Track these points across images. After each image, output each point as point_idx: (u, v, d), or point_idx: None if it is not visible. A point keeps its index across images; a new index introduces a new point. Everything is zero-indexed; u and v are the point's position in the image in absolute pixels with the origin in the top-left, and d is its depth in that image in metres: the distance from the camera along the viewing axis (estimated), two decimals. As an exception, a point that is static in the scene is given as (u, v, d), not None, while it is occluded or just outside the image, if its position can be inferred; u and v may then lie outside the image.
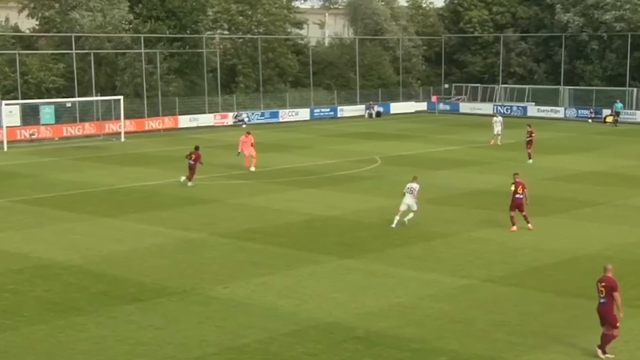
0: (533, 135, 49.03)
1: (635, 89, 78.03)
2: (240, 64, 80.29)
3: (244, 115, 74.08)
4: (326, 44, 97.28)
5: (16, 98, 63.34)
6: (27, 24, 75.20)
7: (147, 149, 56.73)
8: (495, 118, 58.65)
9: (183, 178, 41.07)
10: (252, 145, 46.39)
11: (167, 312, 21.38)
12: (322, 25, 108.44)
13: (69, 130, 63.26)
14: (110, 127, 65.07)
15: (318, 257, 26.84)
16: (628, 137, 62.60)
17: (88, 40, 69.18)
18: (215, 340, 19.25)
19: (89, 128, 64.33)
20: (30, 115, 63.08)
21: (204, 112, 73.24)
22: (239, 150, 46.47)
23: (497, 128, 56.59)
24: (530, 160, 47.92)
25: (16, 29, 73.93)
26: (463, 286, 23.46)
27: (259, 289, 23.37)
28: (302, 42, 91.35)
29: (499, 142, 55.93)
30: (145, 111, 69.63)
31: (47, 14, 71.26)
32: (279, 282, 24.00)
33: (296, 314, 21.12)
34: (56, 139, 62.22)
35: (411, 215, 31.49)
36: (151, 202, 36.59)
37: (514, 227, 30.30)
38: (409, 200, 31.23)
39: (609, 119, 71.94)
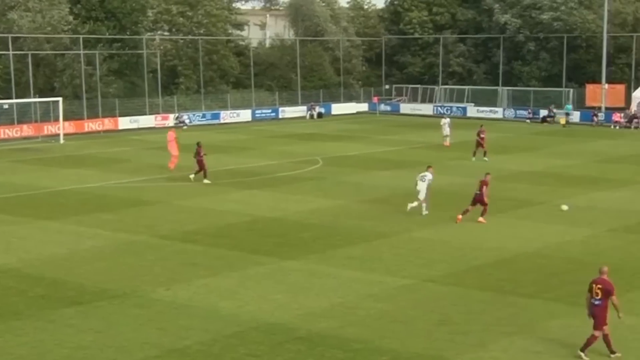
0: (482, 135, 49.88)
1: (571, 90, 79.25)
2: (181, 65, 79.87)
3: (185, 117, 73.63)
4: (267, 45, 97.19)
5: (-48, 100, 62.19)
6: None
7: (87, 150, 56.06)
8: (443, 120, 58.57)
9: (192, 175, 41.76)
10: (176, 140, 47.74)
11: (108, 315, 21.14)
12: (263, 27, 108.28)
13: (6, 132, 62.26)
14: (49, 128, 64.16)
15: (260, 258, 26.76)
16: (565, 137, 63.54)
17: (26, 41, 68.14)
18: (157, 343, 19.08)
19: (27, 130, 63.36)
20: (-33, 118, 62.06)
21: (145, 114, 72.60)
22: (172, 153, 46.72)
23: (446, 130, 56.57)
24: (486, 158, 49.03)
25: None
26: (404, 286, 23.57)
27: (201, 290, 23.23)
28: (243, 43, 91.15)
29: (447, 144, 55.97)
30: (85, 113, 68.83)
31: (-18, 13, 70.06)
32: (221, 284, 23.88)
33: (238, 315, 21.03)
34: (-7, 140, 61.23)
35: (415, 203, 33.23)
36: (92, 204, 36.15)
37: (460, 217, 31.77)
38: (420, 187, 33.24)
39: (562, 121, 72.31)
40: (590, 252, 27.30)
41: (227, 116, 77.01)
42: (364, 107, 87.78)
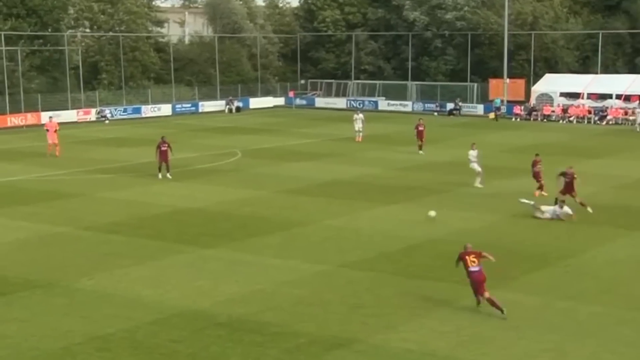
0: (420, 128, 49.32)
1: (475, 84, 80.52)
2: (103, 61, 78.66)
3: (107, 111, 72.56)
4: (187, 42, 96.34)
5: None
6: None
7: (9, 145, 54.78)
8: (355, 115, 56.55)
9: (168, 174, 40.04)
10: (55, 132, 48.62)
11: (32, 305, 20.74)
12: (182, 24, 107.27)
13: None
14: (-28, 123, 62.54)
15: (182, 247, 26.58)
16: (470, 128, 64.53)
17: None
18: (81, 331, 18.81)
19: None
20: None
21: (67, 109, 71.33)
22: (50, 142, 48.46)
23: (358, 125, 54.99)
24: (421, 152, 48.71)
25: None
26: (320, 272, 23.68)
27: (124, 279, 22.97)
28: (163, 40, 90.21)
29: (359, 139, 54.73)
30: (7, 107, 67.26)
31: None
32: (143, 273, 23.65)
33: (160, 302, 20.86)
34: None
35: (478, 179, 37.46)
36: (14, 197, 35.38)
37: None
38: (474, 166, 37.65)
39: (492, 116, 72.92)
40: (493, 237, 27.80)
41: (149, 110, 76.14)
42: (280, 101, 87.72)
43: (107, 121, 70.69)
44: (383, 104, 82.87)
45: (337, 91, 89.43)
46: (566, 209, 30.69)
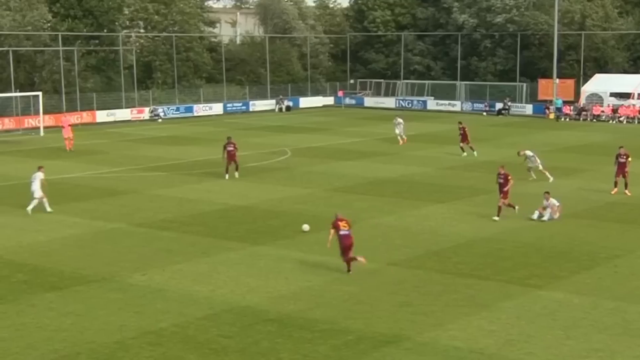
0: (465, 129, 47.83)
1: (524, 84, 79.73)
2: (156, 60, 79.39)
3: (160, 110, 73.24)
4: (238, 42, 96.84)
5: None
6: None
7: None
8: (395, 120, 54.59)
9: (236, 173, 40.11)
10: (70, 127, 51.05)
11: (87, 299, 21.03)
12: (234, 24, 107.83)
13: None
14: (29, 122, 63.60)
15: (232, 244, 26.73)
16: (519, 128, 63.96)
17: (7, 38, 67.42)
18: (134, 325, 19.01)
19: (8, 123, 62.76)
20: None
21: (121, 107, 72.16)
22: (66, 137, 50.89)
23: (399, 129, 53.22)
24: (475, 153, 47.12)
25: None
26: (369, 269, 23.63)
27: (176, 275, 23.17)
28: (215, 40, 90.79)
29: (403, 142, 52.93)
30: (64, 106, 68.24)
31: (-37, 12, 69.23)
32: (194, 269, 23.83)
33: (211, 298, 21.00)
34: (-25, 134, 60.57)
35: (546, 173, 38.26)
36: (70, 194, 35.88)
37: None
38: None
39: (551, 116, 72.09)
40: (544, 236, 27.52)
41: (200, 109, 76.68)
42: (330, 100, 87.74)
43: (160, 120, 71.37)
44: (432, 103, 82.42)
45: (386, 91, 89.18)
46: (552, 200, 30.25)
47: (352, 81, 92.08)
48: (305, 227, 28.51)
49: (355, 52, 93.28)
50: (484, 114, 76.46)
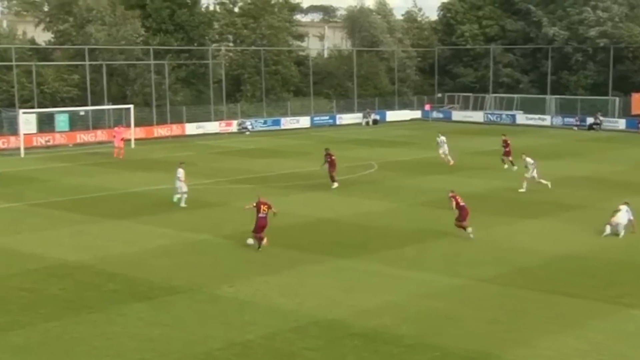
0: (509, 144, 47.87)
1: (617, 98, 77.99)
2: (245, 73, 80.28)
3: (248, 123, 74.05)
4: (325, 56, 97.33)
5: (33, 107, 63.33)
6: (43, 37, 75.27)
7: (156, 154, 56.68)
8: (438, 138, 51.27)
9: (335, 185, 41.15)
10: (122, 139, 53.43)
11: (175, 309, 21.37)
12: (321, 38, 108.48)
13: (82, 137, 63.24)
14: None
15: (318, 257, 26.82)
16: (611, 143, 62.60)
17: (101, 52, 69.26)
18: (221, 337, 19.24)
19: (101, 135, 64.32)
20: (45, 123, 63.08)
21: (210, 120, 73.23)
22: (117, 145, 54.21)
23: (443, 148, 50.22)
24: (515, 167, 46.39)
25: (33, 41, 74.03)
26: (455, 285, 23.43)
27: (262, 287, 23.36)
28: (303, 53, 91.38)
29: (452, 162, 49.74)
30: (154, 119, 69.62)
31: (61, 27, 71.35)
32: (280, 281, 23.99)
33: (297, 311, 21.10)
34: (70, 145, 62.23)
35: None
36: (159, 205, 36.54)
37: None
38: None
39: None
40: (632, 254, 26.85)
41: (288, 122, 77.28)
42: (417, 114, 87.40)
43: (247, 132, 72.18)
44: (521, 117, 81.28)
45: (475, 105, 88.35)
46: (625, 214, 29.66)
47: (439, 95, 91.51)
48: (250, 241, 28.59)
49: (443, 65, 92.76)
50: (575, 128, 75.07)
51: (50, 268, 25.59)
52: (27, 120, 59.55)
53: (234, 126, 73.53)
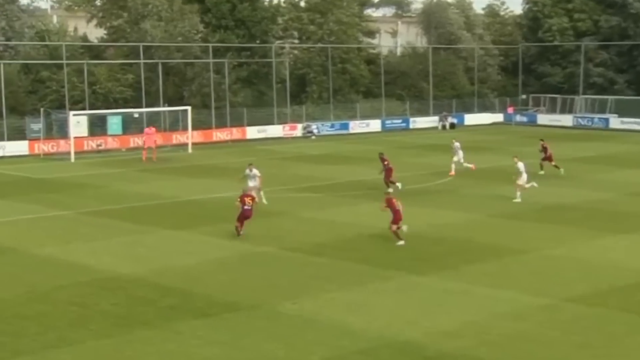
0: (548, 149, 48.66)
1: None
2: (311, 73, 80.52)
3: (314, 127, 74.30)
4: (398, 54, 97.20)
5: (84, 109, 64.49)
6: (95, 34, 76.57)
7: (214, 160, 57.21)
8: (452, 144, 50.38)
9: (391, 189, 41.49)
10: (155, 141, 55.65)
11: (235, 327, 21.47)
12: (394, 34, 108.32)
13: (136, 141, 64.08)
14: (178, 137, 65.90)
15: (389, 272, 26.73)
16: None
17: (157, 50, 70.16)
18: (284, 357, 19.27)
19: (156, 139, 64.96)
20: (97, 126, 64.27)
21: (273, 123, 73.67)
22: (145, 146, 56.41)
23: (458, 156, 48.98)
24: (562, 170, 47.76)
25: (84, 38, 75.32)
26: (541, 305, 23.10)
27: (328, 304, 23.34)
28: (374, 51, 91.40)
29: (473, 166, 49.29)
30: (213, 122, 70.30)
31: (115, 23, 72.49)
32: (348, 298, 23.95)
33: (366, 331, 21.03)
34: (123, 149, 63.20)
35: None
36: (219, 214, 36.81)
37: None
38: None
39: None
40: None
41: (357, 126, 77.37)
42: (498, 117, 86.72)
43: (313, 137, 72.43)
44: (615, 121, 79.92)
45: (563, 107, 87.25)
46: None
47: (523, 96, 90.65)
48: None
49: (528, 64, 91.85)
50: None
51: (102, 281, 25.94)
52: (77, 123, 60.73)
53: (298, 130, 73.86)
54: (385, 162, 42.94)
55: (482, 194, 41.94)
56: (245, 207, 31.66)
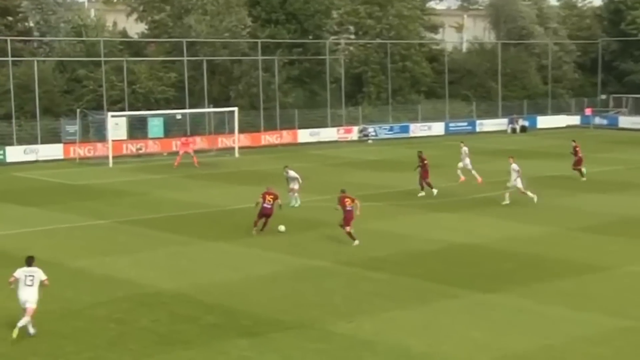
0: (579, 152, 49.48)
1: None
2: (369, 71, 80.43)
3: (371, 130, 74.23)
4: (464, 50, 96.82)
5: (123, 109, 65.09)
6: (135, 29, 77.33)
7: (263, 166, 57.37)
8: (461, 148, 49.72)
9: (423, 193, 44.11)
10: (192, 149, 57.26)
11: (284, 348, 21.41)
12: (459, 29, 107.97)
13: (179, 144, 64.46)
14: (223, 141, 66.25)
15: (455, 290, 26.51)
16: None
17: (202, 46, 70.53)
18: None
19: (200, 142, 65.47)
20: (137, 128, 64.84)
21: (326, 126, 73.75)
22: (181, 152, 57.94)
23: (465, 161, 48.63)
24: (584, 179, 48.55)
25: (124, 34, 76.08)
26: (625, 328, 22.74)
27: (387, 325, 23.19)
28: (438, 47, 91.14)
29: (479, 180, 48.23)
30: (262, 124, 70.56)
31: (157, 17, 73.05)
32: (410, 318, 23.79)
33: (430, 355, 20.85)
34: (164, 154, 63.64)
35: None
36: (269, 225, 36.86)
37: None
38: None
39: None
40: None
41: (417, 129, 77.23)
42: (575, 120, 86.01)
43: (370, 141, 72.37)
44: None
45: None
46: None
47: (603, 97, 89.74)
48: (282, 228, 34.42)
49: (608, 61, 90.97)
50: None
51: (142, 296, 26.07)
52: (116, 125, 61.34)
53: (354, 133, 73.89)
54: (424, 162, 44.27)
55: (556, 204, 41.49)
56: (265, 204, 33.93)
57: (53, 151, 62.01)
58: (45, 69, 66.95)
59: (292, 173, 41.27)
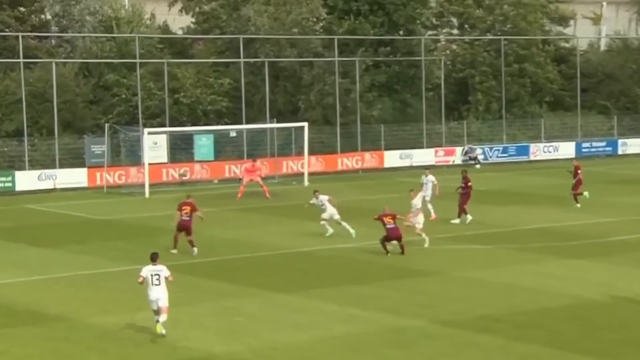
0: (579, 173, 51.95)
1: None
2: (476, 75, 79.75)
3: (479, 151, 73.90)
4: (602, 48, 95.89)
5: (163, 124, 65.21)
6: (179, 23, 77.64)
7: (340, 196, 57.18)
8: (427, 176, 51.50)
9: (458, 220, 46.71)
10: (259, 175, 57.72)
11: None
12: (596, 21, 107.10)
13: (233, 169, 64.78)
14: (290, 165, 66.34)
15: (591, 360, 26.27)
16: None
17: (263, 45, 70.47)
18: None
19: (260, 166, 65.56)
20: (180, 149, 65.20)
21: (421, 146, 73.48)
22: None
23: (428, 192, 50.18)
24: (578, 205, 50.94)
25: (165, 29, 76.24)
26: None
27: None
28: (567, 45, 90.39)
29: (432, 213, 49.24)
30: (338, 144, 70.48)
31: (207, 8, 73.36)
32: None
33: None
34: (215, 181, 63.98)
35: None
36: (345, 273, 36.87)
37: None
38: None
39: None
40: None
41: (540, 151, 76.84)
42: None
43: (478, 165, 72.04)
44: None
45: None
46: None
47: None
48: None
49: None
50: None
51: (188, 361, 26.24)
52: (154, 144, 61.79)
53: (457, 155, 73.71)
54: (468, 184, 47.88)
55: None
56: (388, 226, 39.34)
57: (75, 177, 62.65)
58: (66, 74, 67.49)
59: (322, 197, 44.61)
